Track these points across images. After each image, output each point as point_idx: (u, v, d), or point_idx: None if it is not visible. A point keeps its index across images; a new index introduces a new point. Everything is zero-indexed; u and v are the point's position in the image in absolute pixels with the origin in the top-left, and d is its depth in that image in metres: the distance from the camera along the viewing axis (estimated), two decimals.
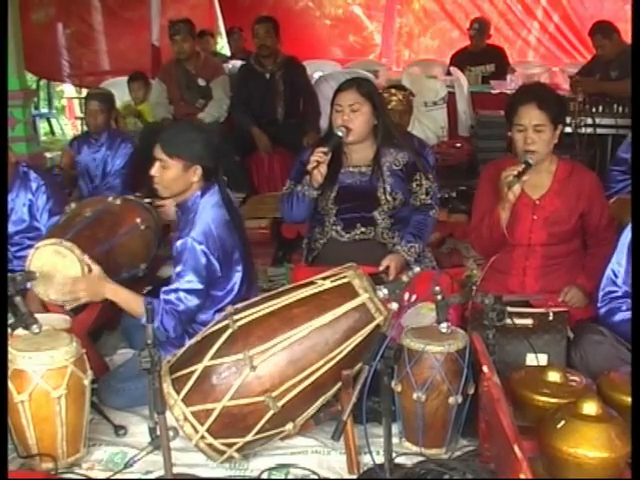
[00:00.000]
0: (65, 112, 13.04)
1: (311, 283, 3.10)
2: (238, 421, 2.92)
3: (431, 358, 2.97)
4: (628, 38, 7.05)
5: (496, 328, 3.08)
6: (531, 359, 3.34)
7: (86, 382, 3.01)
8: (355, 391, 2.68)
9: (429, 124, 7.71)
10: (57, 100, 13.06)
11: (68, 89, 12.44)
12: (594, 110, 6.97)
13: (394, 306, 2.79)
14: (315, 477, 3.00)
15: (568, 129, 6.38)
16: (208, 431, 2.91)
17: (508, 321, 3.14)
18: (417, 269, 2.92)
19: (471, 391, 3.01)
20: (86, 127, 6.46)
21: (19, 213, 4.41)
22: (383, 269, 3.82)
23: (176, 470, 2.84)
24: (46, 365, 2.89)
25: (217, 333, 3.00)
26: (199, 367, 2.93)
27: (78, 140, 6.30)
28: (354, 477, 2.99)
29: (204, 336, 3.06)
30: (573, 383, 3.01)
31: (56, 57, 10.12)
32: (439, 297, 2.95)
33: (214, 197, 3.54)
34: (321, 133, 6.30)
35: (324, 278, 3.11)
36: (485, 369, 2.76)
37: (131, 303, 3.44)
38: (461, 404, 3.00)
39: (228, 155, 6.73)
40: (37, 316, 3.03)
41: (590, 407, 2.60)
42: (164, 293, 3.40)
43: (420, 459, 3.01)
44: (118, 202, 4.16)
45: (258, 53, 7.15)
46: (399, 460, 3.00)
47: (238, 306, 3.13)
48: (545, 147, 3.69)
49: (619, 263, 3.40)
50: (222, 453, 2.98)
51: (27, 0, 8.27)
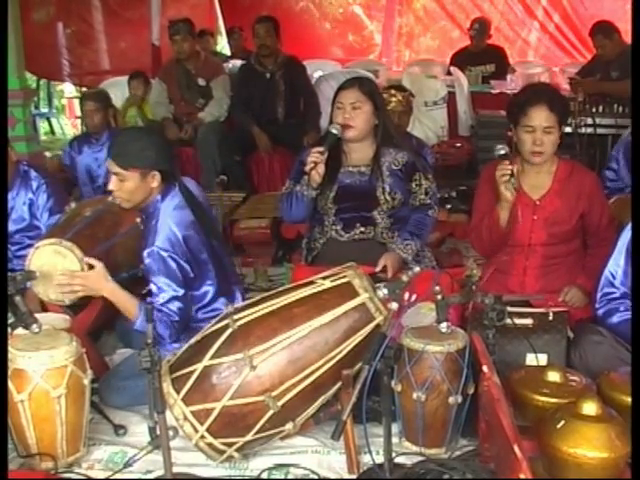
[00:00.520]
0: (65, 111, 13.04)
1: (311, 283, 3.10)
2: (238, 421, 2.92)
3: (431, 358, 2.97)
4: (628, 38, 7.05)
5: (496, 328, 3.08)
6: (531, 359, 3.34)
7: (86, 382, 3.01)
8: (355, 391, 2.68)
9: (429, 124, 7.71)
10: (57, 99, 13.07)
11: (68, 88, 12.45)
12: (594, 110, 6.97)
13: (394, 306, 2.79)
14: (315, 477, 3.00)
15: (568, 129, 6.39)
16: (208, 431, 2.91)
17: (508, 321, 3.14)
18: (417, 269, 2.93)
19: (471, 391, 3.01)
20: (85, 128, 6.46)
21: (19, 212, 4.41)
22: (380, 269, 3.81)
23: (176, 469, 2.83)
24: (46, 365, 2.89)
25: (217, 333, 3.00)
26: (199, 367, 2.93)
27: (78, 140, 6.30)
28: (354, 477, 2.99)
29: (204, 335, 3.06)
30: (573, 383, 3.01)
31: (56, 57, 10.13)
32: (439, 297, 2.95)
33: (175, 199, 3.50)
34: (321, 133, 6.29)
35: (324, 278, 3.11)
36: (485, 369, 2.76)
37: (127, 304, 3.43)
38: (461, 404, 3.00)
39: (228, 155, 6.75)
40: (37, 316, 3.03)
41: (590, 407, 2.61)
42: (155, 309, 3.37)
43: (420, 459, 3.01)
44: (118, 202, 4.15)
45: (258, 53, 7.15)
46: (399, 460, 3.00)
47: (238, 306, 3.14)
48: (552, 148, 3.71)
49: (617, 264, 3.40)
50: (222, 453, 2.98)
51: (28, 0, 8.28)
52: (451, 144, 7.66)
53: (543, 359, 3.34)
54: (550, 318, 3.49)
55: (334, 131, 3.91)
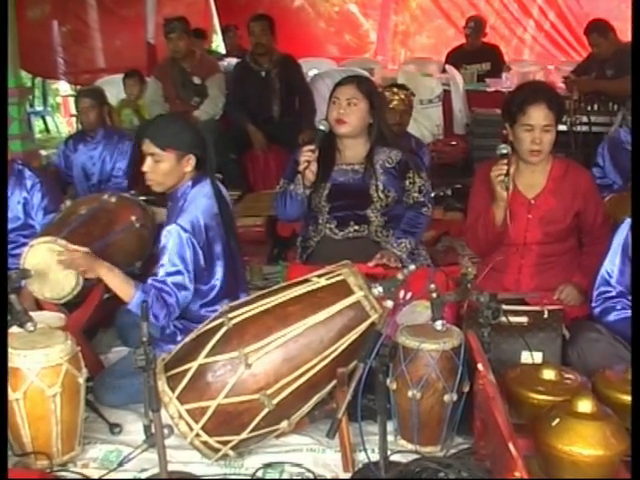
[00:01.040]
0: (60, 110, 13.01)
1: (306, 281, 3.10)
2: (233, 419, 2.92)
3: (426, 356, 2.97)
4: (623, 37, 7.08)
5: (491, 326, 3.08)
6: (526, 357, 3.34)
7: (81, 380, 3.01)
8: (350, 389, 2.69)
9: (425, 122, 7.71)
10: (52, 98, 13.03)
11: (63, 87, 12.40)
12: (589, 108, 6.98)
13: (389, 304, 2.80)
14: (310, 475, 3.00)
15: (564, 127, 6.39)
16: (203, 429, 2.91)
17: (503, 319, 3.14)
18: (412, 267, 2.93)
19: (466, 389, 3.01)
20: (80, 125, 6.45)
21: (14, 211, 4.39)
22: (374, 265, 3.79)
23: (171, 468, 2.83)
24: (41, 363, 2.89)
25: (212, 331, 3.00)
26: (194, 365, 2.93)
27: (73, 138, 6.27)
28: (349, 475, 2.99)
29: (199, 334, 3.06)
30: (568, 381, 3.01)
31: (51, 55, 10.12)
32: (434, 295, 2.95)
33: (205, 188, 3.54)
34: None
35: (319, 276, 3.11)
36: (480, 367, 2.76)
37: (123, 285, 3.39)
38: (456, 402, 3.01)
39: (224, 153, 6.74)
40: (32, 314, 3.03)
41: (585, 405, 2.60)
42: (154, 282, 3.38)
43: (415, 457, 3.01)
44: (113, 200, 4.16)
45: (254, 51, 7.16)
46: (394, 458, 3.00)
47: (233, 304, 3.13)
48: (550, 146, 3.72)
49: (613, 263, 3.40)
50: (217, 451, 2.98)
51: None
52: (446, 142, 7.68)
53: (538, 357, 3.34)
54: (545, 316, 3.49)
55: (322, 127, 3.93)
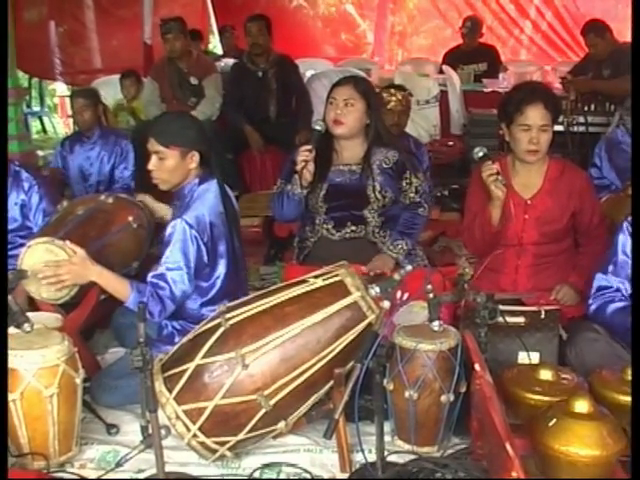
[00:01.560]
0: (57, 110, 13.01)
1: (303, 281, 3.10)
2: (230, 419, 2.91)
3: (423, 356, 2.97)
4: (620, 37, 7.09)
5: (488, 326, 3.08)
6: (523, 357, 3.34)
7: (78, 381, 3.01)
8: (347, 389, 2.68)
9: (422, 122, 7.72)
10: (49, 98, 13.03)
11: (60, 87, 12.40)
12: (586, 109, 6.99)
13: (386, 304, 2.79)
14: (307, 476, 2.99)
15: (560, 128, 6.39)
16: (200, 429, 2.91)
17: (500, 319, 3.15)
18: (409, 267, 2.93)
19: (463, 389, 3.01)
20: (76, 126, 6.45)
21: (11, 212, 4.38)
22: (368, 270, 3.79)
23: (168, 469, 2.83)
24: (38, 364, 2.88)
25: (209, 331, 2.99)
26: (191, 365, 2.93)
27: (70, 140, 6.26)
28: (346, 475, 2.99)
29: (196, 334, 3.05)
30: (565, 381, 3.01)
31: (48, 55, 10.11)
32: (431, 295, 2.95)
33: (211, 187, 3.55)
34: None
35: (316, 276, 3.11)
36: (477, 367, 2.76)
37: (117, 286, 3.40)
38: (453, 402, 3.00)
39: (220, 153, 6.73)
40: (29, 315, 3.02)
41: (582, 405, 2.61)
42: (152, 277, 3.39)
43: (412, 457, 3.01)
44: (110, 200, 4.15)
45: (250, 51, 7.15)
46: (391, 458, 3.00)
47: (230, 304, 3.13)
48: (546, 146, 3.73)
49: (610, 261, 3.40)
50: (214, 451, 2.97)
51: None
52: (443, 143, 7.68)
53: (535, 357, 3.34)
54: (542, 316, 3.49)
55: (317, 127, 3.93)
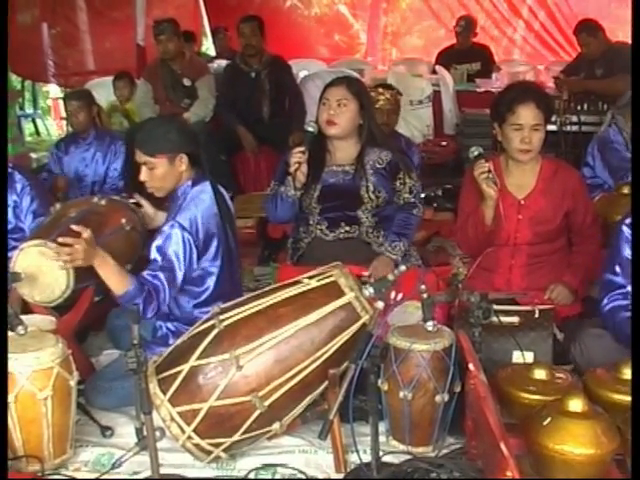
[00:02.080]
0: (50, 112, 12.99)
1: (297, 282, 3.09)
2: (225, 421, 2.91)
3: (417, 356, 2.97)
4: (613, 36, 7.11)
5: (482, 326, 3.09)
6: (517, 357, 3.35)
7: (72, 383, 3.00)
8: (342, 390, 2.69)
9: (415, 122, 7.73)
10: (42, 100, 13.01)
11: (53, 89, 12.37)
12: (579, 108, 7.00)
13: (380, 305, 2.80)
14: (302, 476, 2.99)
15: (553, 127, 6.40)
16: (195, 431, 2.91)
17: (494, 319, 3.15)
18: (403, 267, 2.92)
19: (457, 389, 3.01)
20: (71, 128, 6.44)
21: None
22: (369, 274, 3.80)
23: (163, 471, 2.83)
24: (32, 366, 2.87)
25: (203, 333, 2.99)
26: (185, 367, 2.92)
27: (65, 141, 6.26)
28: (341, 476, 2.99)
29: (190, 336, 3.05)
30: (559, 380, 3.02)
31: (41, 58, 10.08)
32: (425, 295, 2.95)
33: (205, 189, 3.54)
34: None
35: (310, 277, 3.10)
36: (471, 367, 2.76)
37: (116, 276, 3.30)
38: (448, 402, 3.00)
39: (214, 155, 6.73)
40: (22, 317, 3.02)
41: (576, 404, 2.61)
42: (144, 276, 3.35)
43: (407, 457, 3.01)
44: (103, 203, 4.12)
45: (244, 52, 7.15)
46: (386, 458, 2.99)
47: (224, 305, 3.13)
48: (539, 145, 3.74)
49: (616, 262, 3.35)
50: (209, 453, 2.97)
51: (13, 1, 8.23)
52: (436, 143, 7.69)
53: (529, 357, 3.35)
54: (536, 316, 3.50)
55: (310, 129, 3.93)
